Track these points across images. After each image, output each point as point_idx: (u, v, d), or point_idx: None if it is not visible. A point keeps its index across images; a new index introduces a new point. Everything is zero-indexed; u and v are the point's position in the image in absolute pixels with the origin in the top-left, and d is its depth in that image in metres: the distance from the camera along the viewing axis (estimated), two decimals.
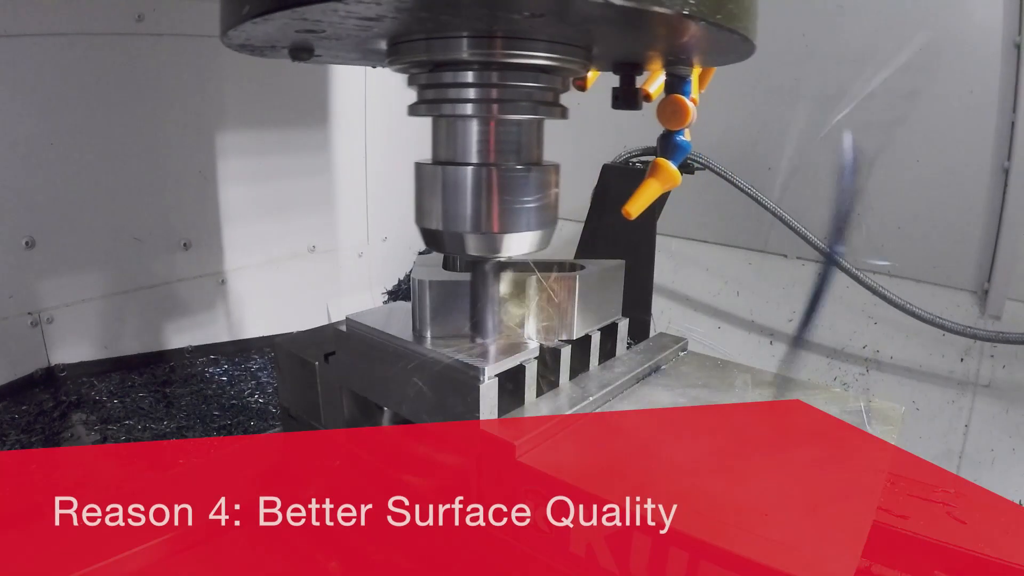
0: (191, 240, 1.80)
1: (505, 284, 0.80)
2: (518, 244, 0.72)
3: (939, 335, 1.59)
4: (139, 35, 1.59)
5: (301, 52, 0.69)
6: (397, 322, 0.83)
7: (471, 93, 0.68)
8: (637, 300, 1.59)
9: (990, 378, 1.60)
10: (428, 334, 0.80)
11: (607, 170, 1.65)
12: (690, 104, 0.78)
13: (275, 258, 1.98)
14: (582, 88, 0.90)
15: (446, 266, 0.90)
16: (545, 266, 0.89)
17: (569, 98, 0.88)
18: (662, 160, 0.83)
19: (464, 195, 0.70)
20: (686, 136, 0.83)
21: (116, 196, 1.64)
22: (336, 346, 0.87)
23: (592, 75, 0.90)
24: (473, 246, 0.72)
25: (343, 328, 0.85)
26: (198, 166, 1.77)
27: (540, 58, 0.65)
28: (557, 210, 0.76)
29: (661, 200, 1.67)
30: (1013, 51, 1.54)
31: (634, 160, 1.69)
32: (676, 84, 0.79)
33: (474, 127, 0.70)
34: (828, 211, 1.84)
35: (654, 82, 0.84)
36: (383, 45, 0.69)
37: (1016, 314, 1.62)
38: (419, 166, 0.74)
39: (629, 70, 0.80)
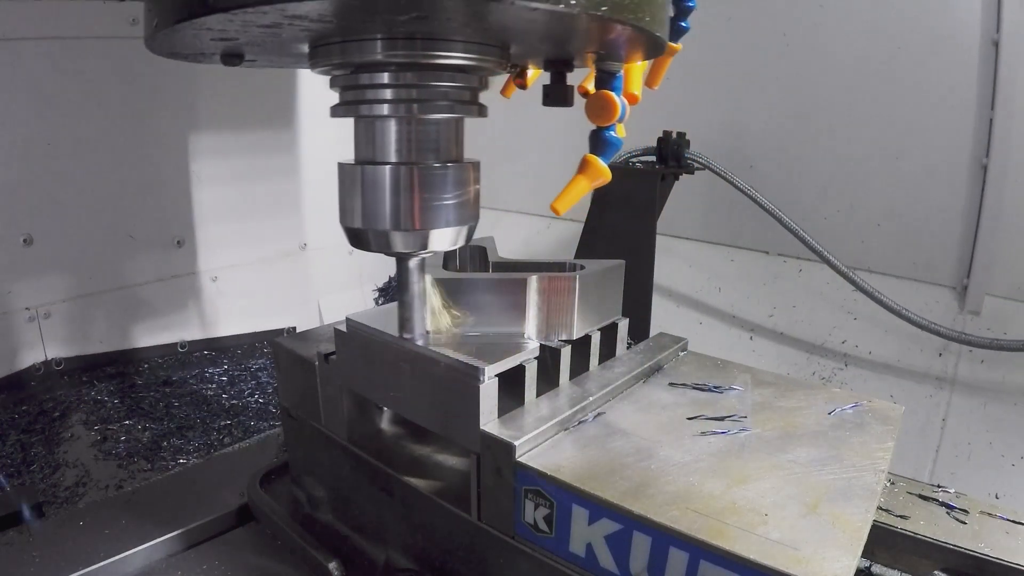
0: (184, 238, 1.82)
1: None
2: (439, 240, 0.71)
3: (917, 330, 1.60)
4: (134, 38, 1.59)
5: (232, 58, 0.69)
6: (397, 322, 0.82)
7: (388, 94, 0.66)
8: (637, 300, 1.59)
9: (968, 373, 1.61)
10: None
11: None
12: (618, 100, 0.76)
13: (267, 256, 2.01)
14: (523, 87, 0.90)
15: (446, 266, 0.90)
16: (545, 266, 0.89)
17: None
18: (591, 156, 0.80)
19: (384, 193, 0.68)
20: (617, 132, 0.80)
21: (111, 195, 1.67)
22: (336, 346, 0.87)
23: (533, 73, 0.88)
24: (399, 243, 0.70)
25: (343, 328, 0.85)
26: (192, 166, 1.80)
27: (455, 58, 0.63)
28: (478, 206, 0.75)
29: (661, 200, 1.68)
30: (991, 49, 1.55)
31: (634, 160, 1.69)
32: (605, 80, 0.78)
33: (392, 127, 0.68)
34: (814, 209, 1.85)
35: (592, 79, 0.82)
36: (305, 49, 0.67)
37: (995, 309, 1.63)
38: (341, 166, 0.71)
39: (559, 67, 0.79)
